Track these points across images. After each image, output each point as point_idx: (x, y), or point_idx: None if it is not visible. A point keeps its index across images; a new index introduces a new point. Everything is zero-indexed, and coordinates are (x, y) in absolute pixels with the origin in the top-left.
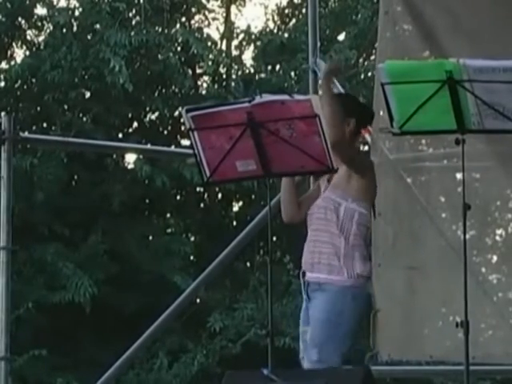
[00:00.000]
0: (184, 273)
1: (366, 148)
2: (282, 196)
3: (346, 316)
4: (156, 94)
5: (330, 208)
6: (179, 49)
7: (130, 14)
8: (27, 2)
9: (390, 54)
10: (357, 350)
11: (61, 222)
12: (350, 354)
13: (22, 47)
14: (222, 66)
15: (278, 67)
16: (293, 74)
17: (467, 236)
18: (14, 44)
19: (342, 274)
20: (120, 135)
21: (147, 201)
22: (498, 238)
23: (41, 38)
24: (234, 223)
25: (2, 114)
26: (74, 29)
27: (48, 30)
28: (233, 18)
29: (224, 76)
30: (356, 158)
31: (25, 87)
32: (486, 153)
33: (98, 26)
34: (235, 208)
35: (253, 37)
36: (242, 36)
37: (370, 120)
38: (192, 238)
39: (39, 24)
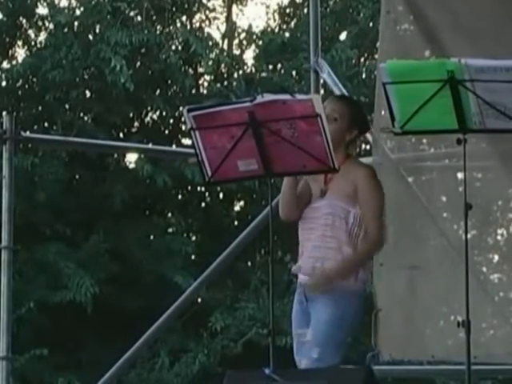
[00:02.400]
0: (185, 272)
1: (368, 147)
2: (282, 193)
3: (349, 319)
4: (157, 94)
5: (338, 215)
6: (180, 48)
7: (131, 14)
8: (28, 2)
9: (392, 54)
10: (358, 350)
11: (62, 221)
12: (346, 353)
13: (23, 47)
14: (223, 65)
15: (279, 66)
16: (294, 73)
17: (468, 236)
18: (15, 44)
19: (347, 279)
20: (121, 135)
21: (148, 200)
22: (499, 237)
23: (42, 38)
24: (236, 223)
25: (4, 113)
26: (75, 28)
27: (49, 30)
28: (234, 17)
29: (225, 75)
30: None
31: (26, 87)
32: (488, 152)
33: (98, 25)
34: (236, 207)
35: (254, 36)
36: (243, 35)
37: (367, 131)
38: (193, 238)
39: (40, 24)
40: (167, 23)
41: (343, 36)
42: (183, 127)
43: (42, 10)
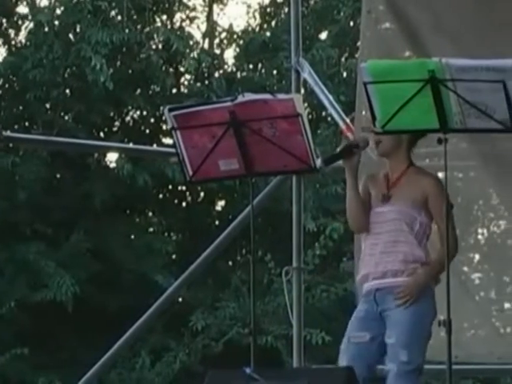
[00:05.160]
0: (166, 272)
1: None
2: (349, 206)
3: (430, 317)
4: (138, 93)
5: (405, 221)
6: (161, 47)
7: (112, 13)
8: (8, 1)
9: (373, 53)
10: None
11: (43, 220)
12: None
13: (3, 46)
14: (203, 64)
15: (260, 66)
16: (275, 72)
17: None
18: None
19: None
20: (102, 134)
21: (129, 200)
22: (480, 237)
23: (22, 37)
24: (217, 222)
25: None
26: (56, 27)
27: (29, 29)
28: (215, 16)
29: (206, 75)
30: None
31: (6, 86)
32: (469, 152)
33: (79, 24)
34: (217, 207)
35: (235, 35)
36: (224, 35)
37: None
38: (174, 237)
39: (21, 23)
40: (148, 22)
41: (324, 35)
42: (164, 127)
43: (23, 9)
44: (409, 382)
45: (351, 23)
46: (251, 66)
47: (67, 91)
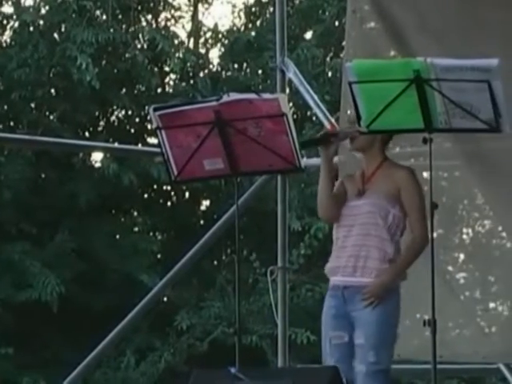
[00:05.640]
0: (151, 271)
1: None
2: (319, 194)
3: (396, 316)
4: (123, 92)
5: (379, 214)
6: (146, 47)
7: (97, 12)
8: None
9: (358, 53)
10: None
11: (28, 220)
12: None
13: None
14: (188, 64)
15: (244, 65)
16: (260, 72)
17: (434, 234)
18: None
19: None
20: (87, 134)
21: (114, 199)
22: (464, 236)
23: (7, 37)
24: (201, 222)
25: None
26: (41, 27)
27: (14, 29)
28: (200, 16)
29: (191, 74)
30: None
31: None
32: (454, 152)
33: (64, 24)
34: (202, 207)
35: (220, 35)
36: (209, 34)
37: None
38: (159, 237)
39: (5, 22)
40: (133, 22)
41: (309, 35)
42: (149, 126)
43: (7, 8)
44: (377, 383)
45: (336, 23)
46: (236, 66)
47: (52, 91)
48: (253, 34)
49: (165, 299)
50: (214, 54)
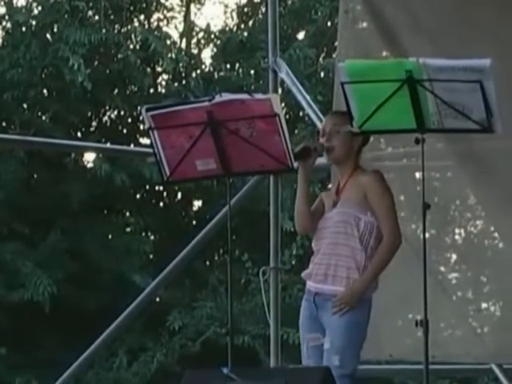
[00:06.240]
0: (143, 272)
1: None
2: (296, 206)
3: (364, 324)
4: (115, 93)
5: (349, 222)
6: (138, 47)
7: (90, 13)
8: None
9: (350, 53)
10: None
11: (20, 220)
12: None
13: None
14: (181, 64)
15: (237, 66)
16: (252, 72)
17: (427, 235)
18: None
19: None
20: (79, 134)
21: (107, 200)
22: (457, 237)
23: None
24: (194, 222)
25: None
26: (33, 27)
27: (7, 29)
28: (192, 16)
29: (183, 74)
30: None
31: None
32: (446, 152)
33: (56, 24)
34: (195, 207)
35: (212, 35)
36: (201, 34)
37: (369, 138)
38: (151, 237)
39: None
40: (125, 22)
41: (301, 35)
42: (141, 126)
43: (0, 9)
44: None
45: (328, 23)
46: (228, 66)
47: (45, 91)
48: (245, 34)
49: (157, 299)
50: (207, 55)
